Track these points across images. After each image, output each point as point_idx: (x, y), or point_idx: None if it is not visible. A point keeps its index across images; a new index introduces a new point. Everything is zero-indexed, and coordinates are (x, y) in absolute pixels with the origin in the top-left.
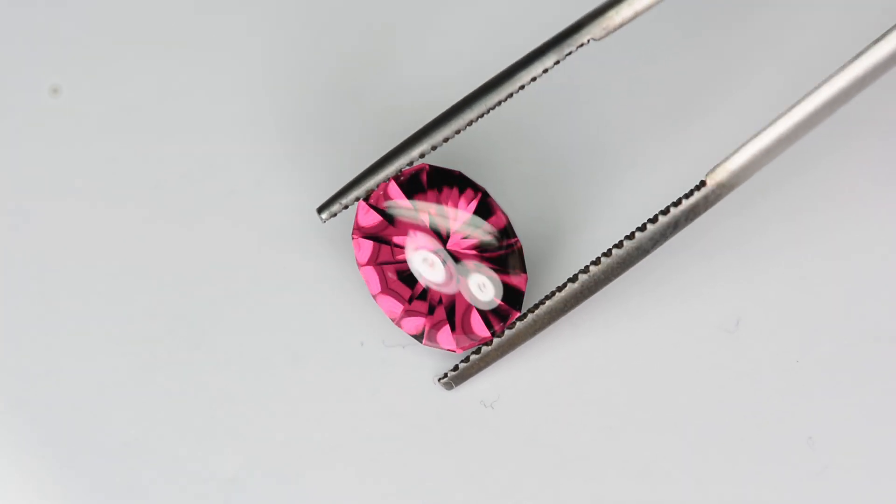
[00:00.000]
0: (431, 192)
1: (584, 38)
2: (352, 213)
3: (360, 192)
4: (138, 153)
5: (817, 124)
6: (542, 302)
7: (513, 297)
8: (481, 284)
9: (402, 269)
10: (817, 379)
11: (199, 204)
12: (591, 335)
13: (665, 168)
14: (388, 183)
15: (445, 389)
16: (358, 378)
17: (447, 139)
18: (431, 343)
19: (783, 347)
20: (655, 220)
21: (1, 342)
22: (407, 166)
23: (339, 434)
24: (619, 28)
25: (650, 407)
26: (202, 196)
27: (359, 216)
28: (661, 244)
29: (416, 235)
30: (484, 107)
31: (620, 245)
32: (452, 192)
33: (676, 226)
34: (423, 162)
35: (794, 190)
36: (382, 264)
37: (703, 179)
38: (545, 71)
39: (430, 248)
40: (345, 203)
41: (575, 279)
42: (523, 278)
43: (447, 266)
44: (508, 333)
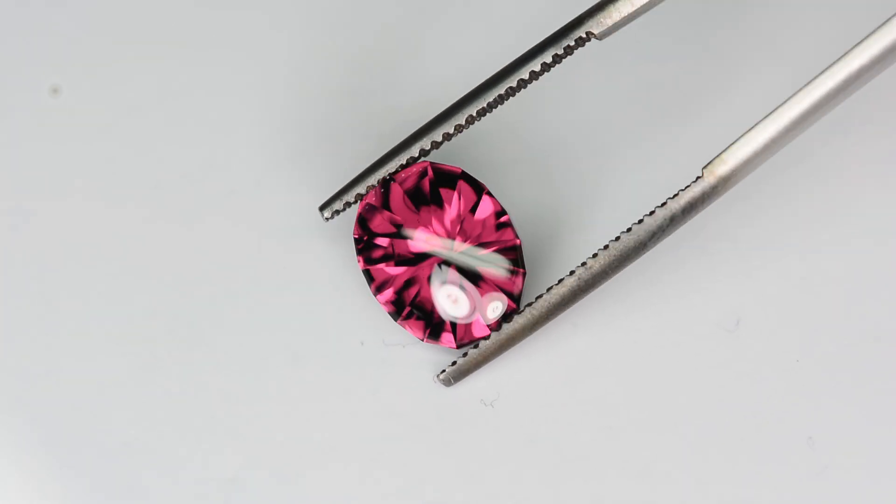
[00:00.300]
0: (434, 206)
1: (582, 32)
2: (352, 213)
3: (361, 188)
4: (138, 153)
5: (817, 120)
6: (541, 297)
7: (511, 294)
8: (494, 308)
9: (405, 272)
10: (817, 378)
11: (199, 204)
12: (591, 333)
13: (664, 166)
14: (392, 188)
15: (444, 386)
16: (358, 377)
17: (448, 136)
18: (431, 340)
19: (783, 347)
20: (653, 213)
21: (1, 342)
22: (409, 164)
23: (340, 433)
24: (617, 24)
25: (650, 405)
26: (202, 196)
27: (360, 214)
28: (659, 239)
29: (443, 272)
30: (484, 102)
31: (618, 239)
32: (452, 195)
33: (674, 220)
34: (424, 159)
35: (794, 189)
36: (383, 262)
37: (702, 175)
38: (545, 65)
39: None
40: (347, 200)
41: (574, 274)
42: (521, 274)
43: (469, 298)
44: (507, 329)
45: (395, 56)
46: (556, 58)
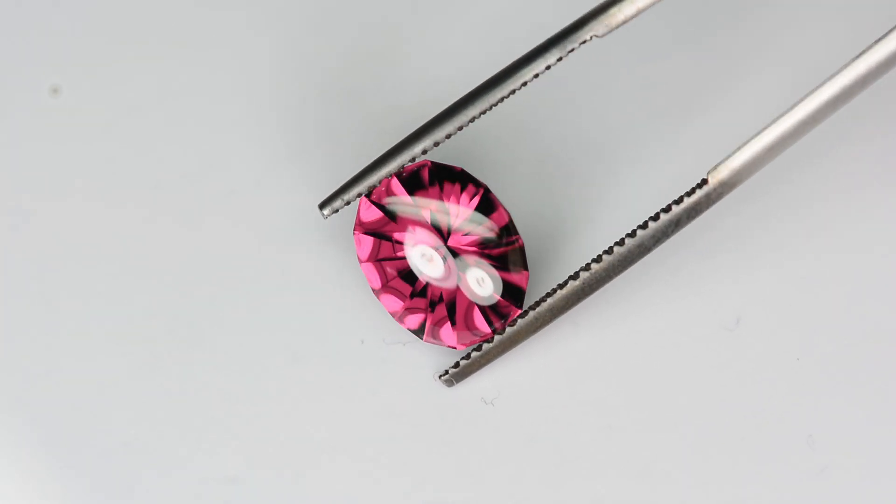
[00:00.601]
0: (433, 189)
1: (586, 35)
2: (352, 210)
3: (362, 188)
4: (138, 153)
5: (819, 123)
6: (544, 299)
7: (514, 295)
8: (480, 279)
9: (402, 266)
10: (818, 378)
11: (199, 204)
12: (592, 333)
13: (667, 166)
14: (391, 179)
15: (446, 386)
16: (358, 376)
17: (449, 136)
18: (433, 340)
19: (783, 346)
20: (657, 217)
21: (1, 342)
22: (409, 163)
23: (340, 433)
24: (621, 25)
25: (650, 405)
26: (202, 196)
27: (360, 212)
28: (662, 242)
29: (415, 231)
30: (486, 103)
31: (622, 243)
32: (454, 189)
33: (678, 224)
34: (425, 158)
35: (794, 189)
36: (383, 260)
37: (705, 178)
38: (548, 67)
39: (430, 244)
40: (346, 199)
41: (576, 277)
42: (525, 275)
43: (446, 262)
44: (509, 331)
45: (396, 55)
46: (559, 61)
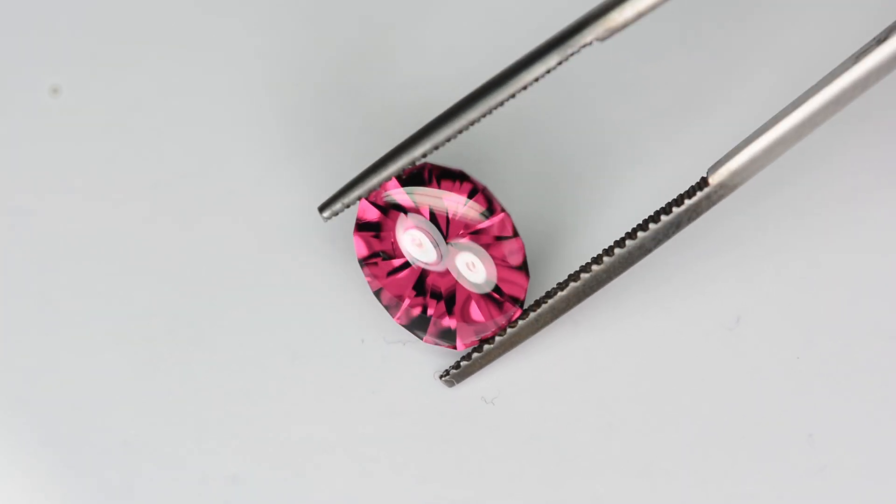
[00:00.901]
0: (432, 187)
1: (587, 39)
2: (352, 211)
3: (362, 191)
4: (138, 152)
5: (819, 124)
6: (544, 300)
7: (514, 295)
8: (470, 264)
9: (402, 264)
10: (818, 376)
11: (199, 203)
12: (592, 333)
13: (667, 167)
14: (390, 181)
15: (447, 387)
16: (358, 375)
17: (449, 139)
18: (433, 340)
19: (783, 345)
20: (657, 219)
21: (1, 342)
22: (409, 166)
23: (340, 432)
24: (621, 28)
25: (650, 404)
26: (202, 195)
27: (360, 212)
28: (662, 243)
29: (407, 217)
30: (486, 106)
31: (622, 244)
32: (453, 187)
33: (678, 225)
34: (425, 161)
35: (794, 189)
36: (383, 259)
37: (706, 179)
38: (548, 71)
39: (420, 228)
40: (346, 202)
41: (577, 277)
42: (525, 276)
43: (437, 247)
44: (510, 331)
45: (396, 55)
46: (559, 65)
